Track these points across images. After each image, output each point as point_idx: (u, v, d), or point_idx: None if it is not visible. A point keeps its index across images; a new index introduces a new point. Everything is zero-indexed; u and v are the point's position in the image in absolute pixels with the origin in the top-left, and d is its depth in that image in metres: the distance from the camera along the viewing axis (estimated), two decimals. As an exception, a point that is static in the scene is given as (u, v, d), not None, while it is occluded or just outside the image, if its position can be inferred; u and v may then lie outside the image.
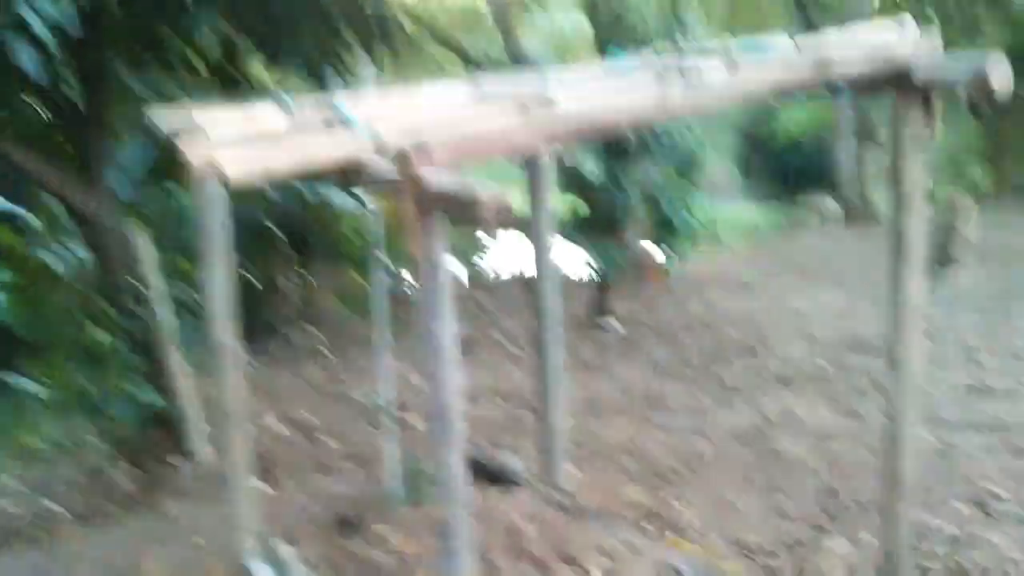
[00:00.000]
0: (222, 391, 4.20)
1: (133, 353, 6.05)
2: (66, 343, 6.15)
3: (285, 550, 4.39)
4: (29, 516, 5.68)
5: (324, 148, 2.45)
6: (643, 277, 10.66)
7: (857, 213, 16.65)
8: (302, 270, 13.13)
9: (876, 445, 5.46)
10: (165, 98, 6.86)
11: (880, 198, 17.24)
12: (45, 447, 6.93)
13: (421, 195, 2.12)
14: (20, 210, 8.33)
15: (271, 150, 2.40)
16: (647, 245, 9.98)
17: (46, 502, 5.87)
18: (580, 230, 9.54)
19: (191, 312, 6.70)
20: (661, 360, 8.09)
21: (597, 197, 9.21)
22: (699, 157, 9.33)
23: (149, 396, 6.00)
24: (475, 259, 17.81)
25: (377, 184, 2.35)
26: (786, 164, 22.02)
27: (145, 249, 6.22)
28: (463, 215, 1.97)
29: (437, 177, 2.12)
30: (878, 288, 10.81)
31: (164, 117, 3.48)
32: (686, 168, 9.15)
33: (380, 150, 2.46)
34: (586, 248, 10.11)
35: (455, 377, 2.38)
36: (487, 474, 5.34)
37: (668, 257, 9.44)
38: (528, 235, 5.04)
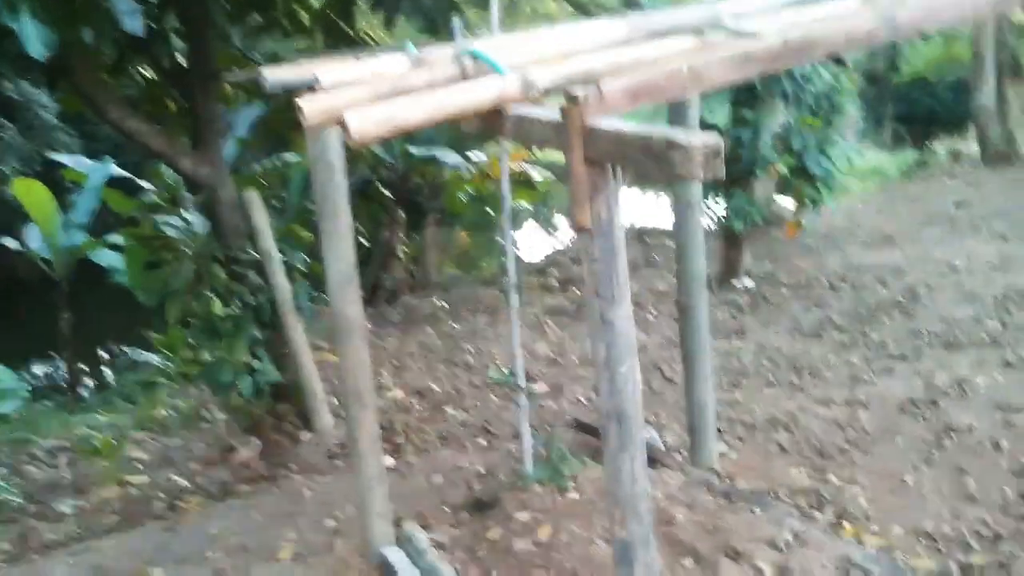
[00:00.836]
0: (347, 365, 3.89)
1: (254, 324, 5.85)
2: (186, 314, 5.99)
3: (419, 535, 4.10)
4: (155, 491, 5.57)
5: (464, 97, 2.04)
6: (777, 230, 10.00)
7: (999, 154, 15.40)
8: (414, 233, 12.95)
9: (1072, 418, 4.89)
10: (272, 58, 6.63)
11: (1024, 137, 15.97)
12: (171, 421, 6.86)
13: (596, 145, 1.69)
14: (134, 178, 8.32)
15: (403, 102, 2.01)
16: (780, 196, 9.29)
17: (173, 476, 5.76)
18: (707, 181, 8.93)
19: (308, 280, 6.48)
20: (805, 322, 7.48)
21: (725, 144, 8.57)
22: (837, 99, 8.55)
23: (271, 369, 5.80)
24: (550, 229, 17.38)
25: (528, 136, 1.92)
26: (914, 104, 20.63)
27: (260, 215, 6.00)
28: (659, 167, 1.53)
29: (614, 124, 1.68)
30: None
31: (277, 73, 3.17)
32: (823, 111, 8.40)
33: (531, 96, 2.04)
34: (714, 200, 9.52)
35: (634, 374, 1.96)
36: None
37: (804, 208, 8.72)
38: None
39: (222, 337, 5.74)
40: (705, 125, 8.79)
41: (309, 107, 2.21)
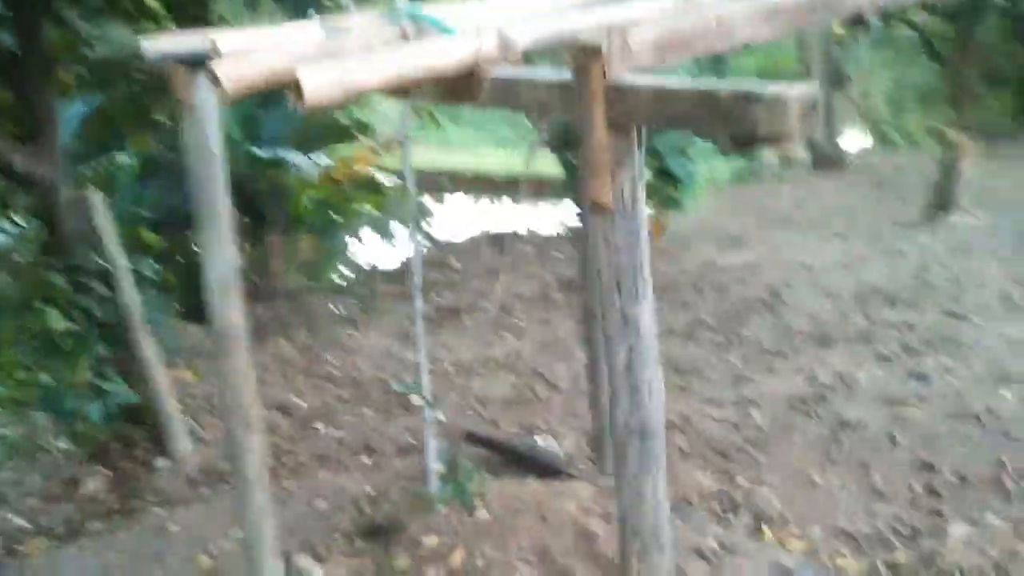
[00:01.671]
0: (229, 380, 3.43)
1: (99, 340, 5.21)
2: (16, 331, 5.27)
3: (314, 571, 3.68)
4: (-11, 534, 4.85)
5: (434, 57, 1.72)
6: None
7: (827, 160, 16.23)
8: (256, 240, 12.19)
9: (955, 410, 5.01)
10: (117, 45, 5.98)
11: (847, 143, 16.91)
12: (2, 453, 6.04)
13: (623, 106, 1.41)
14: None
15: (361, 62, 1.67)
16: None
17: (8, 516, 5.03)
18: (566, 183, 8.85)
19: (157, 290, 5.88)
20: (676, 324, 7.46)
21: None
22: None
23: (123, 390, 5.18)
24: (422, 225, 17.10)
25: (517, 101, 1.62)
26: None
27: (103, 219, 5.36)
28: (729, 127, 1.26)
29: (647, 80, 1.41)
30: (874, 235, 10.50)
31: (158, 45, 2.74)
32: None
33: (510, 57, 1.74)
34: (572, 202, 9.45)
35: (659, 383, 1.68)
36: (528, 464, 4.68)
37: (666, 211, 8.77)
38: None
39: (63, 356, 5.08)
40: (562, 126, 8.77)
41: (227, 72, 1.83)
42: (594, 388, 4.39)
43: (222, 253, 3.33)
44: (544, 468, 4.56)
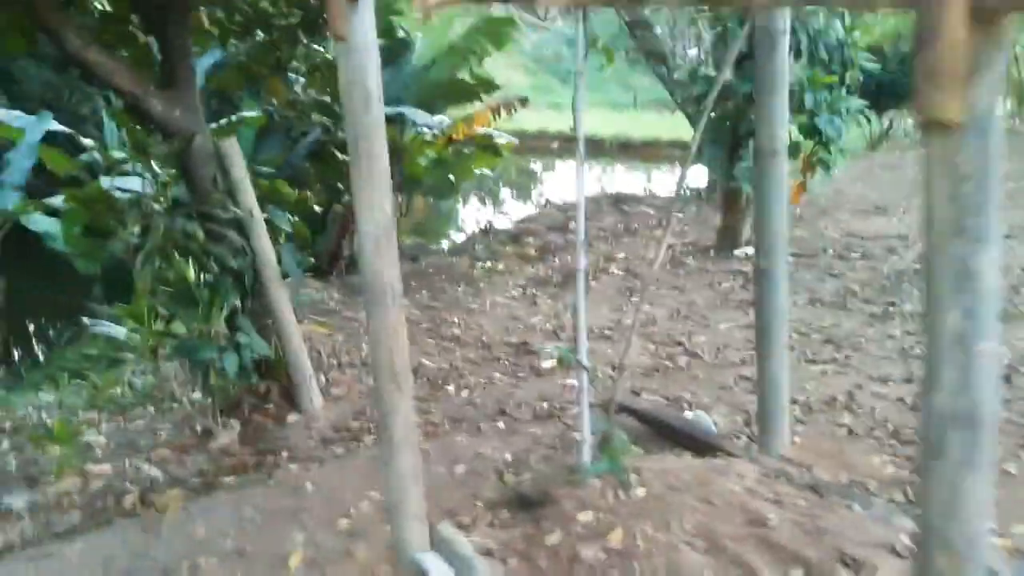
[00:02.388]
0: (380, 337, 3.19)
1: (233, 291, 5.10)
2: (151, 280, 5.18)
3: (459, 539, 3.44)
4: (123, 482, 4.80)
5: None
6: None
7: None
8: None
9: None
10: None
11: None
12: (131, 400, 6.05)
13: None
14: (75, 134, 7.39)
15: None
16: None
17: (142, 465, 4.98)
18: (708, 142, 8.40)
19: (293, 243, 5.74)
20: (824, 293, 6.98)
21: (721, 99, 8.05)
22: (849, 54, 8.04)
23: (259, 342, 5.06)
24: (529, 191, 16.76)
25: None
26: (866, 75, 20.35)
27: (240, 168, 5.23)
28: None
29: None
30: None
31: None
32: (836, 65, 7.89)
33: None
34: (711, 163, 9.00)
35: (996, 361, 1.34)
36: (681, 438, 4.35)
37: (812, 172, 8.21)
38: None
39: (198, 306, 4.98)
40: (711, 79, 8.30)
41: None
42: (763, 358, 4.01)
43: (378, 203, 3.09)
44: (698, 444, 4.22)
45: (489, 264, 10.11)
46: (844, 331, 5.95)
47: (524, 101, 12.14)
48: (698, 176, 13.23)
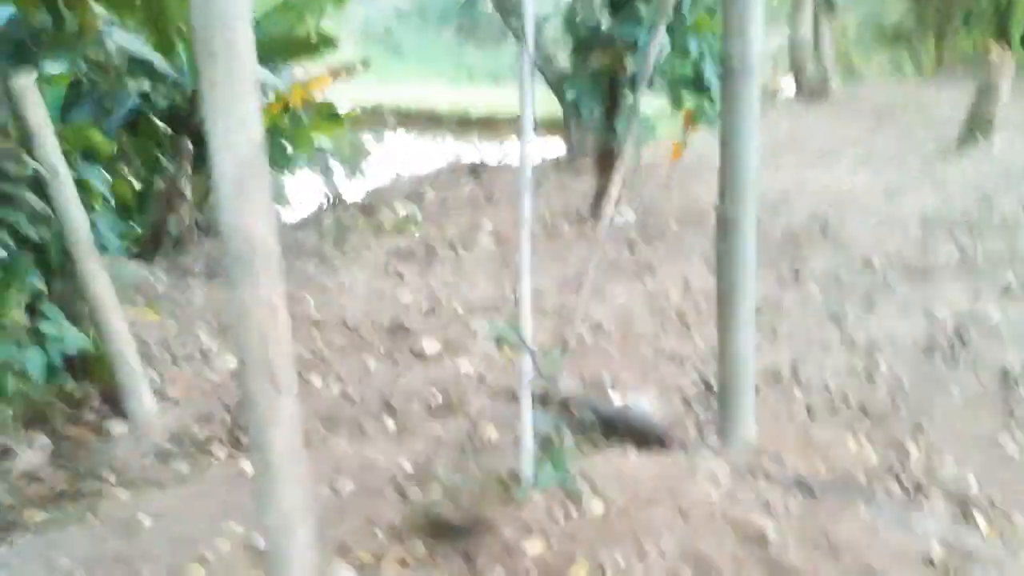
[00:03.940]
0: (250, 321, 2.23)
1: (34, 269, 3.95)
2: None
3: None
4: None
5: None
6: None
7: (813, 89, 15.25)
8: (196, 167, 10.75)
9: None
10: None
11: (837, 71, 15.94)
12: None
13: None
14: None
15: None
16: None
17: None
18: (585, 98, 7.70)
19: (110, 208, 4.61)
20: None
21: (596, 45, 7.40)
22: None
23: (73, 333, 3.93)
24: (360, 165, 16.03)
25: None
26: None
27: (38, 112, 4.05)
28: None
29: None
30: (904, 163, 9.55)
31: None
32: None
33: None
34: (587, 120, 8.30)
35: None
36: (621, 431, 3.58)
37: (694, 127, 7.63)
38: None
39: (-14, 290, 3.81)
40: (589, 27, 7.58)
41: None
42: (725, 328, 3.30)
43: (241, 124, 2.11)
44: (641, 436, 3.47)
45: (341, 239, 9.08)
46: (760, 296, 5.37)
47: (366, 63, 11.10)
48: (554, 144, 12.64)
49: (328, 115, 10.87)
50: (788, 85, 16.39)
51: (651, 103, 7.68)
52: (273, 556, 2.44)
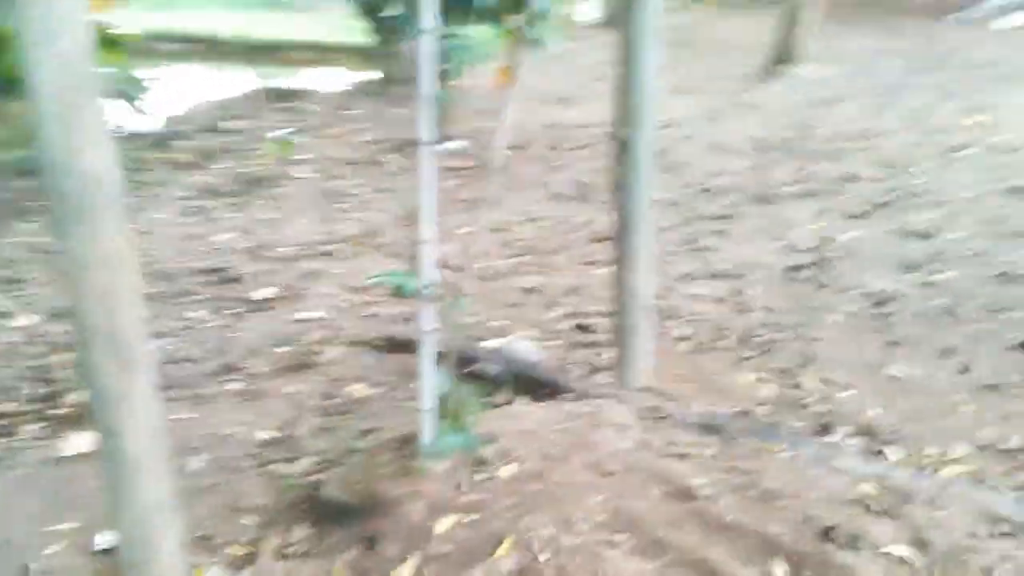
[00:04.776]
0: (91, 281, 1.73)
1: None
2: None
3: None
4: None
5: None
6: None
7: (613, 16, 15.34)
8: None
9: (987, 270, 4.15)
10: None
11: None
12: None
13: None
14: None
15: None
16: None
17: None
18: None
19: None
20: (560, 187, 6.19)
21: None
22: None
23: None
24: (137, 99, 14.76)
25: None
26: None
27: None
28: None
29: None
30: (718, 90, 9.67)
31: None
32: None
33: None
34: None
35: None
36: (522, 382, 3.26)
37: (520, 52, 7.29)
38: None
39: None
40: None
41: None
42: (623, 261, 3.03)
43: (65, 24, 1.59)
44: (543, 383, 3.17)
45: (135, 175, 8.14)
46: (602, 226, 5.19)
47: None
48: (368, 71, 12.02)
49: (107, 41, 9.72)
50: (588, 11, 16.39)
51: (478, 27, 7.26)
52: (131, 563, 1.97)
